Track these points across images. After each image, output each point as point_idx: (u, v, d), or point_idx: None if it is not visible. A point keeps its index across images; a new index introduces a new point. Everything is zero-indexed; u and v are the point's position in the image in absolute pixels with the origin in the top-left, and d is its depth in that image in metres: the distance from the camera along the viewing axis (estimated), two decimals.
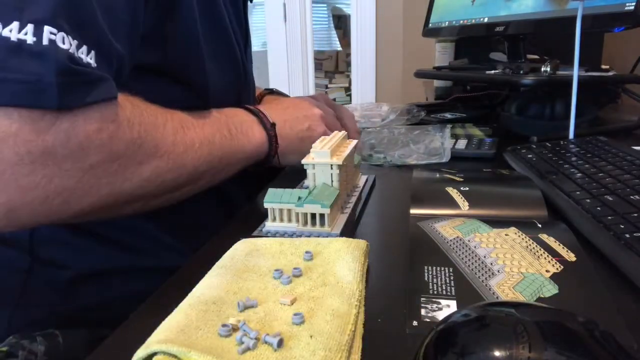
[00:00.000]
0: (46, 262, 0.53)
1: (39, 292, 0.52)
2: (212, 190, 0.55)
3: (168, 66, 0.51)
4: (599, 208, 0.44)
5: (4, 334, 0.47)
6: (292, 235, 0.46)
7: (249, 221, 0.50)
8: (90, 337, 0.50)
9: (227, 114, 0.55)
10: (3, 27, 0.34)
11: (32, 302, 0.52)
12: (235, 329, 0.29)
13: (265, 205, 0.47)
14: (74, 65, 0.36)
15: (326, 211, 0.45)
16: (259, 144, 0.55)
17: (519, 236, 0.42)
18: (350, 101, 3.00)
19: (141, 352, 0.27)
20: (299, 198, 0.46)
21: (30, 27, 0.34)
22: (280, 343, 0.28)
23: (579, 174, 0.52)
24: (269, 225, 0.47)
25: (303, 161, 0.49)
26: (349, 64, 3.36)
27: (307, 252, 0.39)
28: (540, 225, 0.44)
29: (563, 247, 0.40)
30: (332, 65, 4.62)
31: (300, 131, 0.60)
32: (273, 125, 0.56)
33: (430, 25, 1.19)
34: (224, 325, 0.29)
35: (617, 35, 0.93)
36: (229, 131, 0.53)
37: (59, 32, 0.36)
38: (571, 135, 0.68)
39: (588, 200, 0.45)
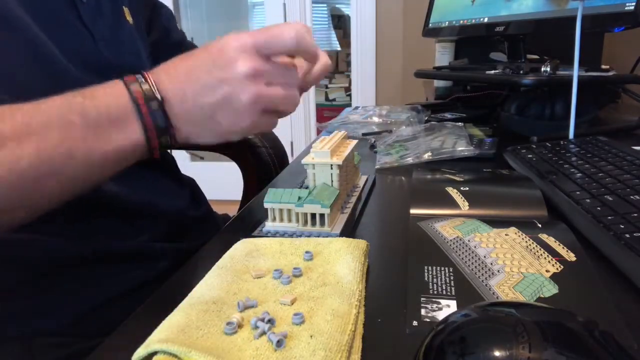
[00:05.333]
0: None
1: None
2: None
3: None
4: (599, 208, 0.44)
5: None
6: (292, 235, 0.46)
7: (249, 221, 0.50)
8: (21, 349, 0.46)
9: (86, 94, 0.38)
10: None
11: None
12: (240, 325, 0.30)
13: (265, 205, 0.47)
14: None
15: (326, 211, 0.45)
16: (134, 137, 0.39)
17: (519, 236, 0.42)
18: (350, 101, 3.00)
19: (141, 351, 0.27)
20: (299, 198, 0.46)
21: None
22: (280, 343, 0.28)
23: (579, 174, 0.52)
24: (269, 225, 0.47)
25: (303, 161, 0.49)
26: (349, 64, 3.36)
27: (307, 252, 0.39)
28: (540, 225, 0.44)
29: (563, 247, 0.40)
30: (332, 65, 4.61)
31: (209, 105, 0.40)
32: (160, 103, 0.39)
33: (430, 25, 1.19)
34: (228, 324, 0.29)
35: (617, 35, 0.93)
36: (84, 118, 0.37)
37: None
38: (571, 135, 0.68)
39: (588, 200, 0.45)
